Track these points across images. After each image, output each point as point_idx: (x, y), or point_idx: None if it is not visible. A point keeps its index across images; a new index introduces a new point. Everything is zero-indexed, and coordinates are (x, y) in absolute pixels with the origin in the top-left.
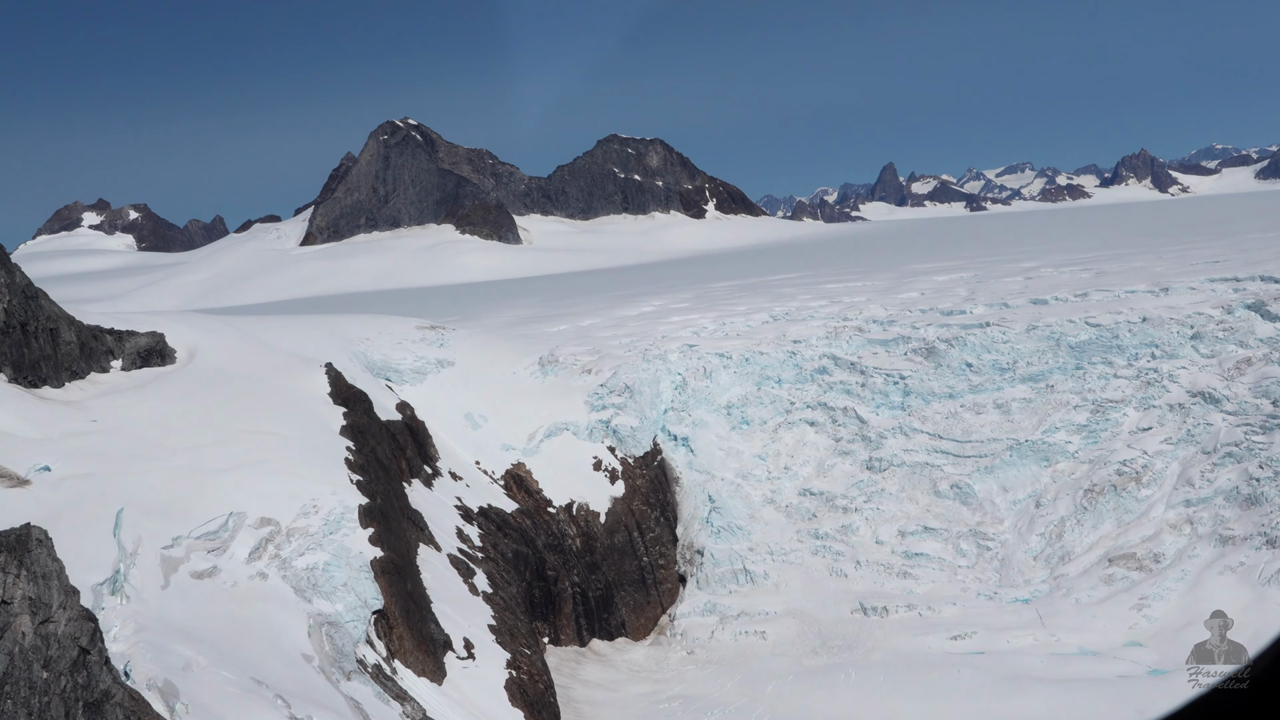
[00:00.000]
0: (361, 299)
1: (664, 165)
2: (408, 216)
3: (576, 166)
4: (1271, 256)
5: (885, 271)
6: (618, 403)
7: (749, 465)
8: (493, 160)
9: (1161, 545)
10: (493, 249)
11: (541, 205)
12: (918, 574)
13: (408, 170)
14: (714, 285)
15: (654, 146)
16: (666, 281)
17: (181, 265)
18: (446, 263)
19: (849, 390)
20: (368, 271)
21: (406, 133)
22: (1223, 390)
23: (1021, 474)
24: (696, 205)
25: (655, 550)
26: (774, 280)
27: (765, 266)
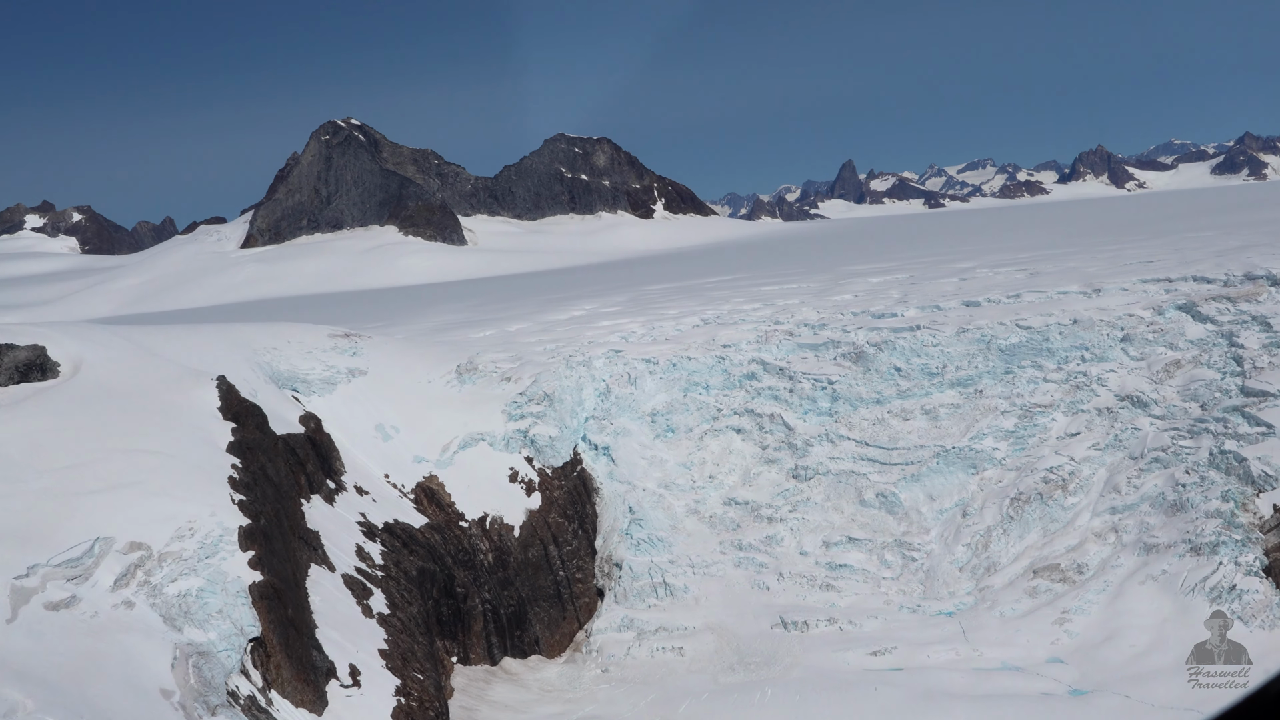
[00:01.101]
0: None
1: (611, 165)
2: (350, 218)
3: (523, 166)
4: (1206, 256)
5: (822, 273)
6: (537, 411)
7: (673, 474)
8: (438, 160)
9: (1086, 555)
10: (436, 250)
11: (488, 205)
12: (841, 586)
13: (350, 171)
14: (649, 288)
15: (601, 146)
16: (603, 284)
17: (120, 269)
18: (388, 265)
19: (777, 396)
20: (307, 274)
21: (349, 133)
22: (1151, 394)
23: (948, 482)
24: (644, 205)
25: (572, 564)
26: (709, 283)
27: (705, 268)
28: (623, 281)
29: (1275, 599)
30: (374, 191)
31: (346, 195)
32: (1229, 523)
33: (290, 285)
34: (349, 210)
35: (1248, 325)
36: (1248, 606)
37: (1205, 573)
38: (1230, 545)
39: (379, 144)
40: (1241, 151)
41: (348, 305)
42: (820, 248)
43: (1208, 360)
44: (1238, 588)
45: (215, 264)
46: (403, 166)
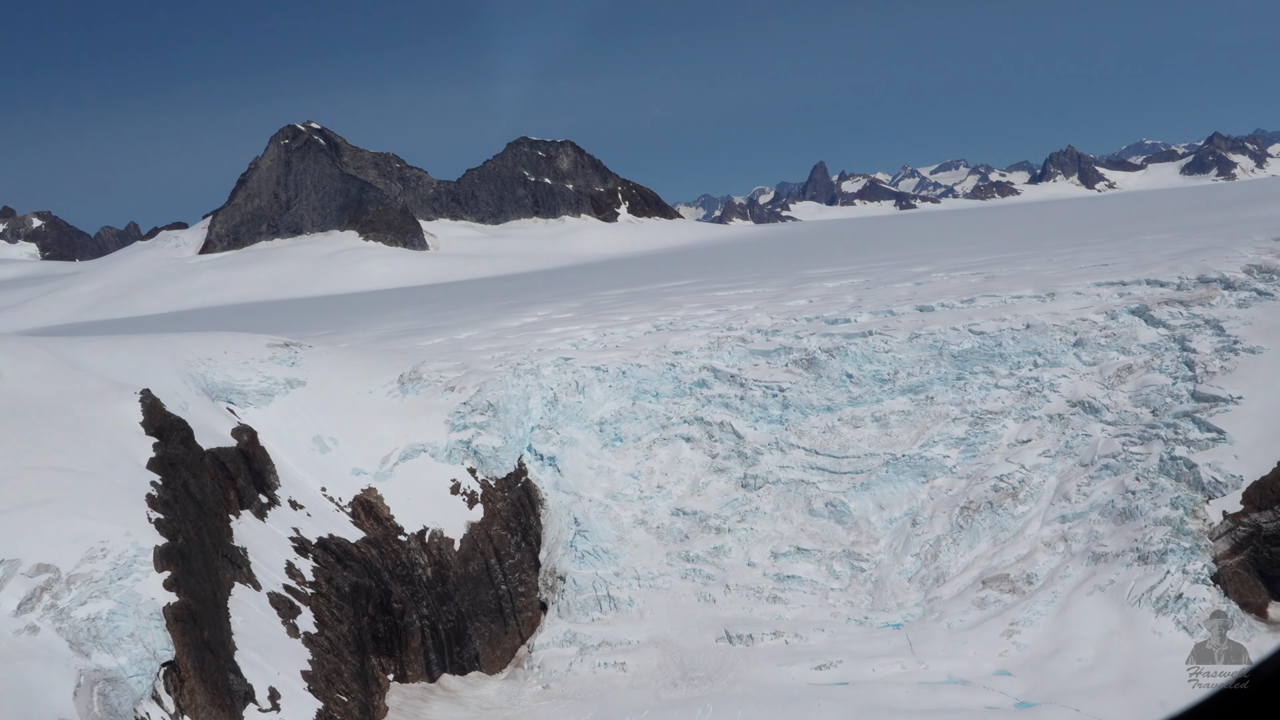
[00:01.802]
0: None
1: (575, 168)
2: (310, 223)
3: (486, 170)
4: (1160, 259)
5: (780, 278)
6: (480, 421)
7: (620, 485)
8: (400, 164)
9: (1035, 565)
10: (397, 255)
11: (450, 210)
12: (788, 598)
13: (310, 175)
14: (604, 294)
15: (565, 149)
16: (559, 290)
17: (77, 276)
18: (347, 270)
19: (728, 404)
20: (265, 280)
21: (309, 137)
22: (1103, 399)
23: (898, 491)
24: (608, 208)
25: (515, 577)
26: (665, 288)
27: (663, 273)
28: (579, 287)
29: (1223, 607)
30: (334, 196)
31: (306, 200)
32: (1178, 530)
33: (247, 292)
34: (309, 215)
35: (1200, 329)
36: (1194, 615)
37: (1152, 582)
38: (1178, 553)
39: (339, 148)
40: (1210, 152)
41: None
42: (782, 251)
43: (1160, 365)
44: (1184, 596)
45: (172, 270)
46: (364, 170)
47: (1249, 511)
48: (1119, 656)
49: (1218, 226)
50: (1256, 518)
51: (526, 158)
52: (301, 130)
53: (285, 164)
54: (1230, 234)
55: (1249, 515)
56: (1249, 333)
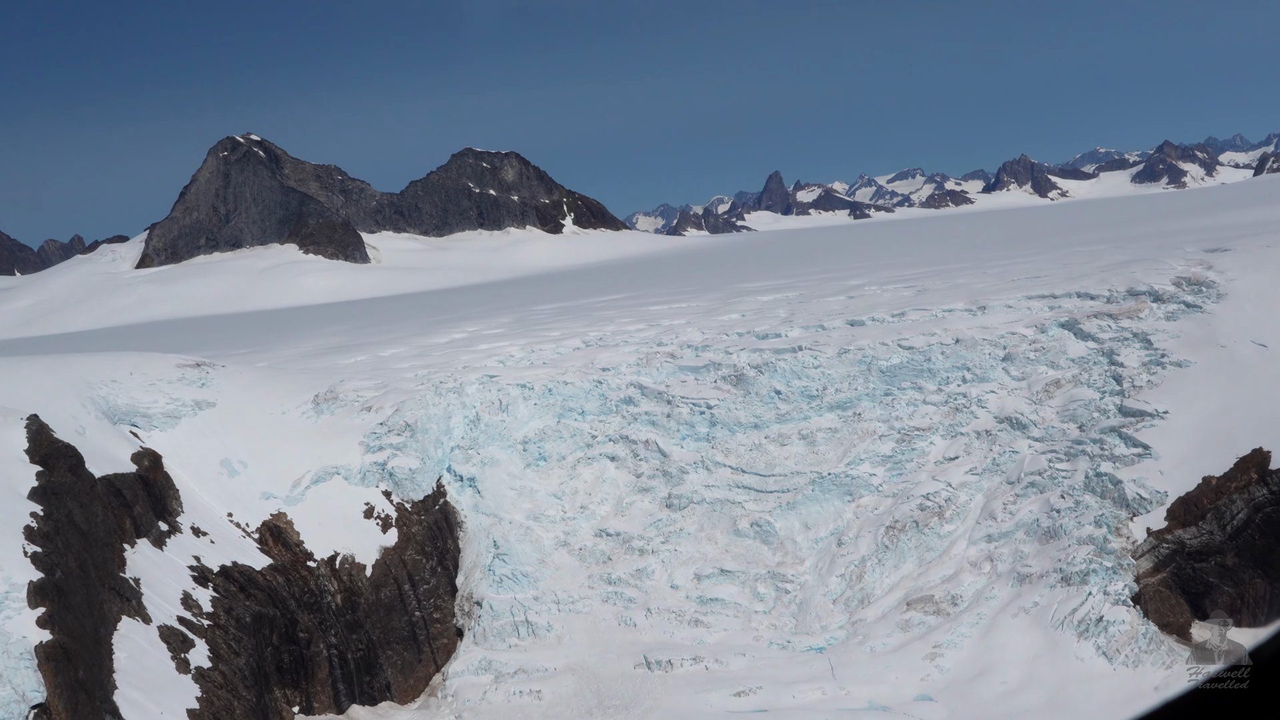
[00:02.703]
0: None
1: (520, 179)
2: (250, 236)
3: (430, 181)
4: (1092, 271)
5: (715, 291)
6: (397, 442)
7: (543, 505)
8: (342, 176)
9: (960, 586)
10: (337, 269)
11: (394, 222)
12: (710, 622)
13: (249, 188)
14: (537, 308)
15: (510, 160)
16: (493, 304)
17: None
18: (286, 284)
19: (654, 421)
20: (202, 295)
21: (248, 149)
22: (1030, 415)
23: (824, 510)
24: (554, 220)
25: (430, 603)
26: (599, 302)
27: (601, 286)
28: (514, 301)
29: (1142, 630)
30: (274, 209)
31: (246, 213)
32: (1101, 549)
33: (183, 307)
34: (248, 228)
35: (1128, 343)
36: (1114, 640)
37: (1075, 604)
38: (1100, 573)
39: (280, 160)
40: (1161, 160)
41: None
42: (724, 263)
43: (1087, 379)
44: (1105, 619)
45: (106, 285)
46: (305, 183)
47: (1173, 528)
48: (1043, 680)
49: (1152, 237)
50: (1180, 534)
51: (471, 169)
52: (241, 142)
53: (224, 176)
54: (1162, 245)
55: (1172, 532)
56: (1176, 346)
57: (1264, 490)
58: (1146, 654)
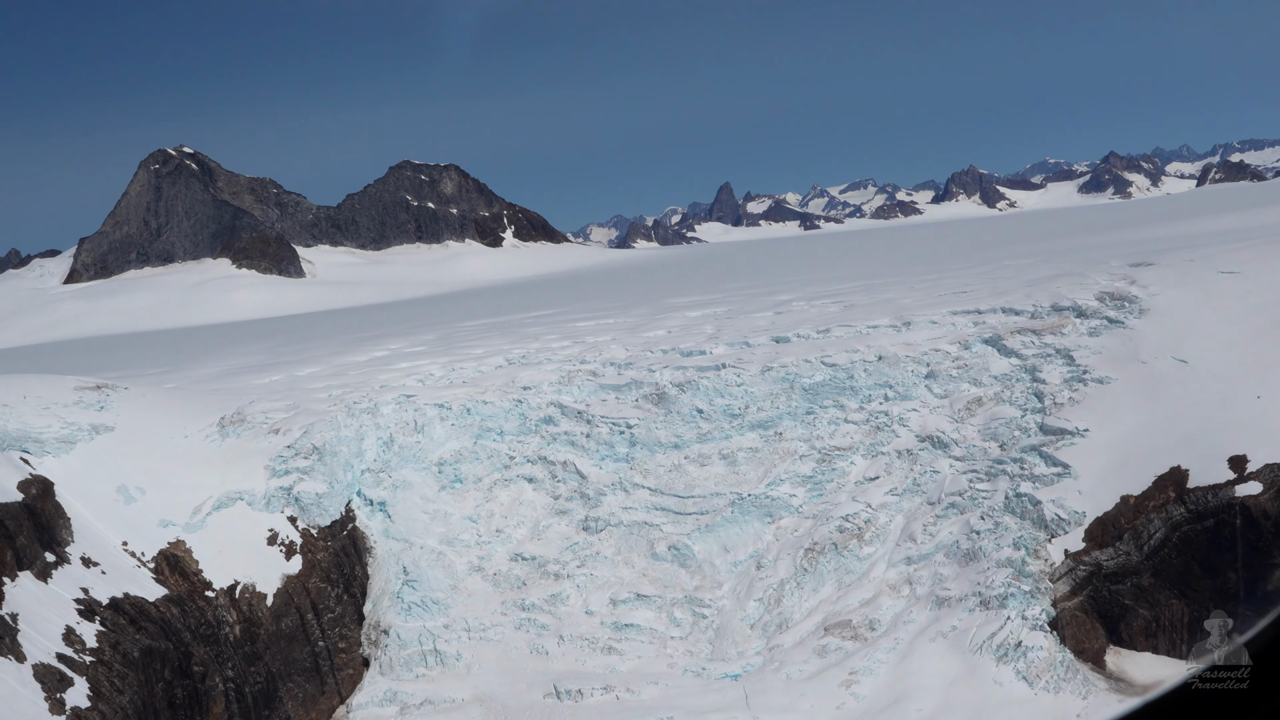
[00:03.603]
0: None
1: (459, 192)
2: (182, 250)
3: (367, 194)
4: (1018, 285)
5: (645, 306)
6: (304, 466)
7: (457, 529)
8: (277, 189)
9: (879, 610)
10: (271, 284)
11: (330, 235)
12: (624, 649)
13: (181, 201)
14: (463, 325)
15: (449, 173)
16: (421, 320)
17: None
18: (217, 300)
19: (573, 442)
20: (130, 311)
21: (180, 161)
22: (952, 434)
23: (744, 532)
24: (493, 233)
25: (335, 632)
26: (527, 318)
27: (534, 301)
28: (443, 317)
29: (1060, 656)
30: (206, 223)
31: (178, 227)
32: (1019, 572)
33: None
34: (180, 243)
35: (1051, 359)
36: (1033, 665)
37: (993, 628)
38: (1019, 597)
39: (214, 173)
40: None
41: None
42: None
43: (1010, 397)
44: (1023, 644)
45: (33, 301)
46: (239, 196)
47: (1090, 550)
48: (960, 707)
49: (1082, 251)
50: (1097, 555)
51: (409, 182)
52: (173, 155)
53: (156, 190)
54: (1090, 259)
55: (1090, 553)
56: (1098, 362)
57: (1181, 509)
58: (1066, 681)
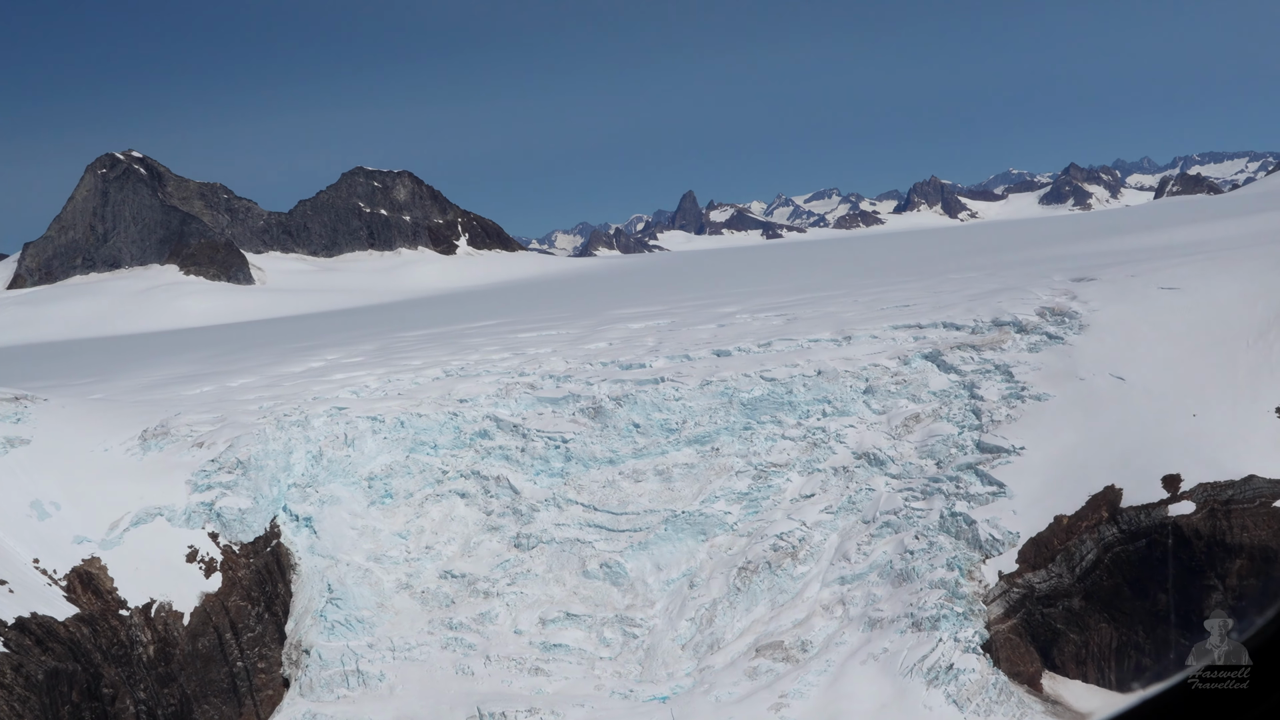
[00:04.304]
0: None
1: (413, 199)
2: (129, 256)
3: (320, 201)
4: (961, 300)
5: (589, 317)
6: (227, 481)
7: (386, 545)
8: (228, 194)
9: (812, 631)
10: (219, 290)
11: (281, 242)
12: (551, 669)
13: (129, 206)
14: (404, 335)
15: (402, 179)
16: (364, 329)
17: None
18: (164, 307)
19: (508, 456)
20: (74, 317)
21: (128, 165)
22: (889, 450)
23: (677, 550)
24: (447, 241)
25: (254, 652)
26: (470, 328)
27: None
28: (386, 326)
29: (992, 680)
30: (154, 228)
31: (125, 232)
32: (952, 594)
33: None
34: (127, 248)
35: (990, 375)
36: (964, 689)
37: (924, 651)
38: (951, 619)
39: (163, 177)
40: (1067, 182)
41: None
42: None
43: (947, 413)
44: (955, 667)
45: None
46: (189, 201)
47: (1023, 571)
48: None
49: (1028, 264)
50: (1030, 577)
51: (362, 188)
52: (121, 159)
53: (103, 194)
54: (1033, 273)
55: (1023, 575)
56: (1037, 379)
57: (1114, 529)
58: (998, 704)
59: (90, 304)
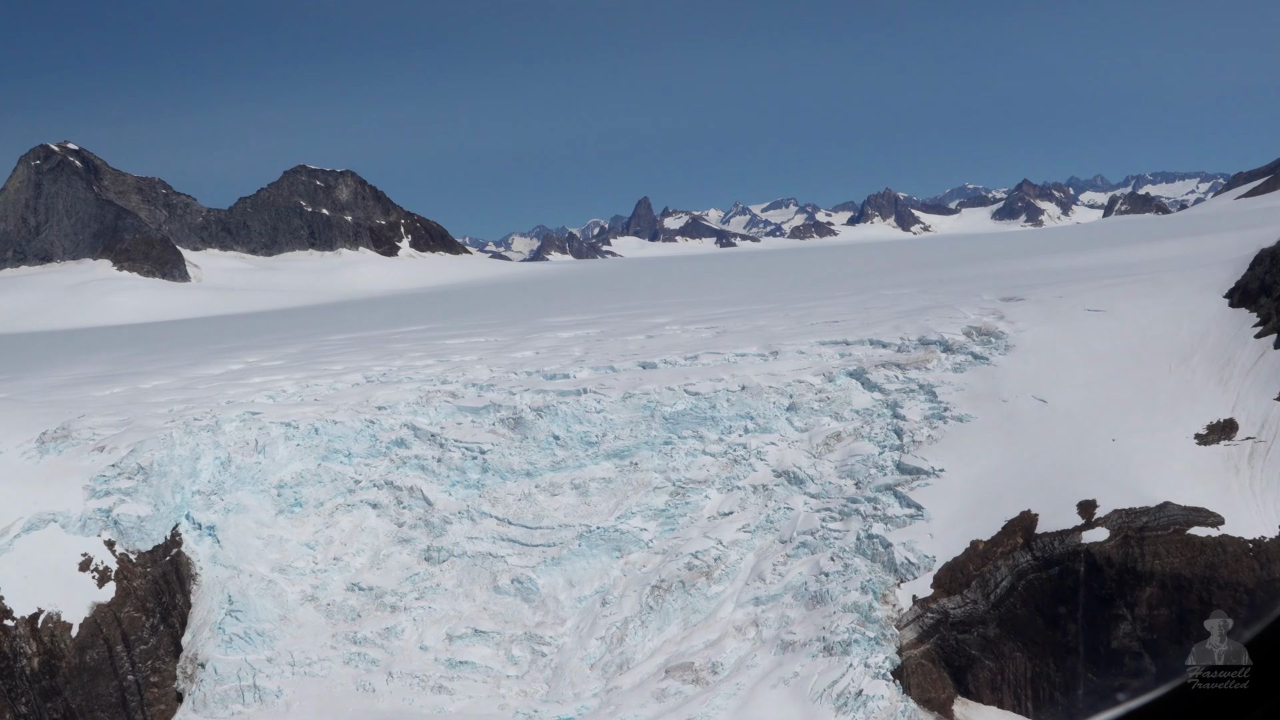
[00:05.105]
0: None
1: (355, 199)
2: (61, 250)
3: (260, 199)
4: (890, 316)
5: (519, 324)
6: (127, 487)
7: (293, 556)
8: (166, 190)
9: (723, 652)
10: (153, 287)
11: (220, 240)
12: (455, 688)
13: (62, 199)
14: (331, 338)
15: (345, 179)
16: (292, 331)
17: None
18: (94, 302)
19: (424, 466)
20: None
21: (63, 158)
22: (809, 469)
23: (591, 566)
24: (389, 242)
25: (146, 665)
26: (397, 333)
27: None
28: (312, 329)
29: (901, 707)
30: (88, 222)
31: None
32: (865, 618)
33: None
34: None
35: (913, 394)
36: (872, 715)
37: (835, 676)
38: (862, 644)
39: (99, 171)
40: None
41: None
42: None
43: (869, 433)
44: (864, 693)
45: None
46: (126, 196)
47: (938, 596)
48: None
49: (961, 281)
50: (945, 603)
51: (304, 187)
52: (55, 150)
53: (36, 186)
54: (967, 290)
55: (937, 600)
56: (960, 399)
57: (1028, 556)
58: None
59: (18, 298)
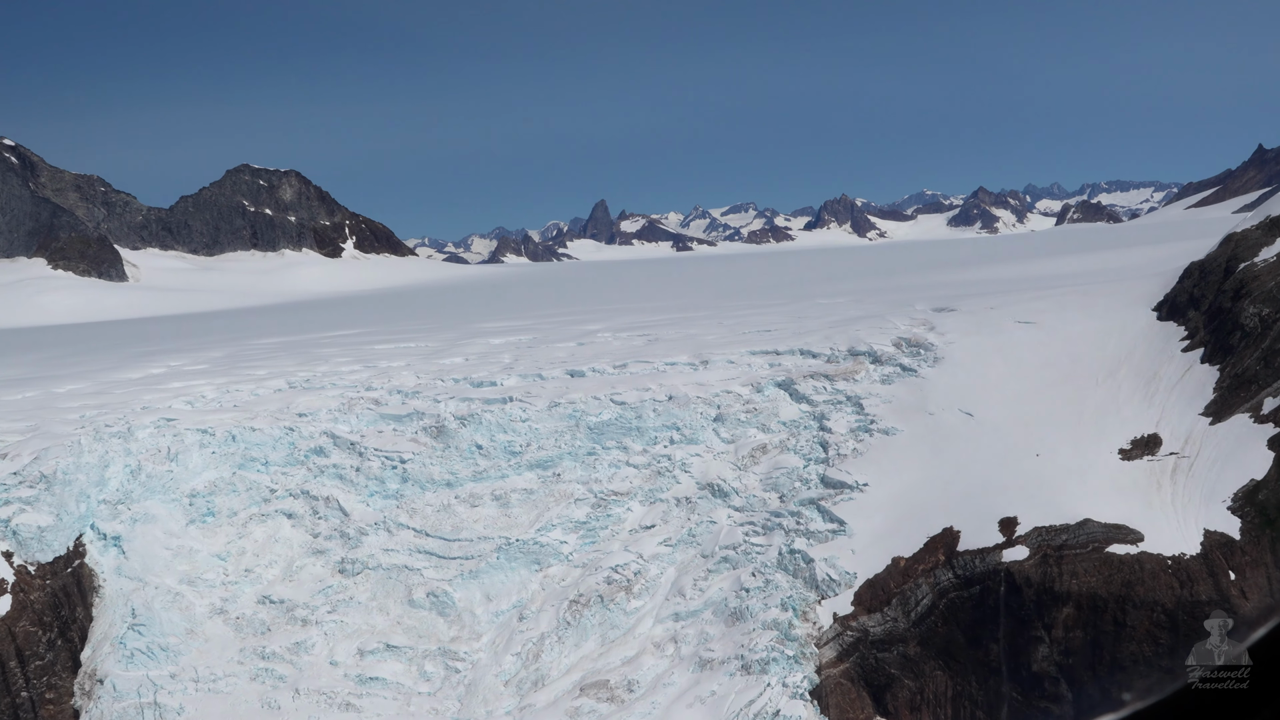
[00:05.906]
0: None
1: (299, 199)
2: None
3: (202, 198)
4: (821, 326)
5: (451, 330)
6: (28, 496)
7: (202, 568)
8: (105, 187)
9: (640, 670)
10: (88, 287)
11: (160, 239)
12: (364, 705)
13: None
14: (257, 342)
15: (288, 179)
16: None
17: None
18: (25, 302)
19: (342, 475)
20: None
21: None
22: (733, 482)
23: (509, 580)
24: (333, 243)
25: (42, 682)
26: (326, 338)
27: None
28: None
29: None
30: (22, 219)
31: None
32: (785, 635)
33: None
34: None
35: (840, 406)
36: None
37: (752, 695)
38: (781, 663)
39: (36, 167)
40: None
41: None
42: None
43: (794, 445)
44: (781, 714)
45: None
46: (64, 193)
47: (859, 614)
48: None
49: (897, 291)
50: (865, 620)
51: (247, 186)
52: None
53: None
54: (899, 300)
55: (858, 618)
56: (887, 412)
57: (949, 574)
58: None
59: None
